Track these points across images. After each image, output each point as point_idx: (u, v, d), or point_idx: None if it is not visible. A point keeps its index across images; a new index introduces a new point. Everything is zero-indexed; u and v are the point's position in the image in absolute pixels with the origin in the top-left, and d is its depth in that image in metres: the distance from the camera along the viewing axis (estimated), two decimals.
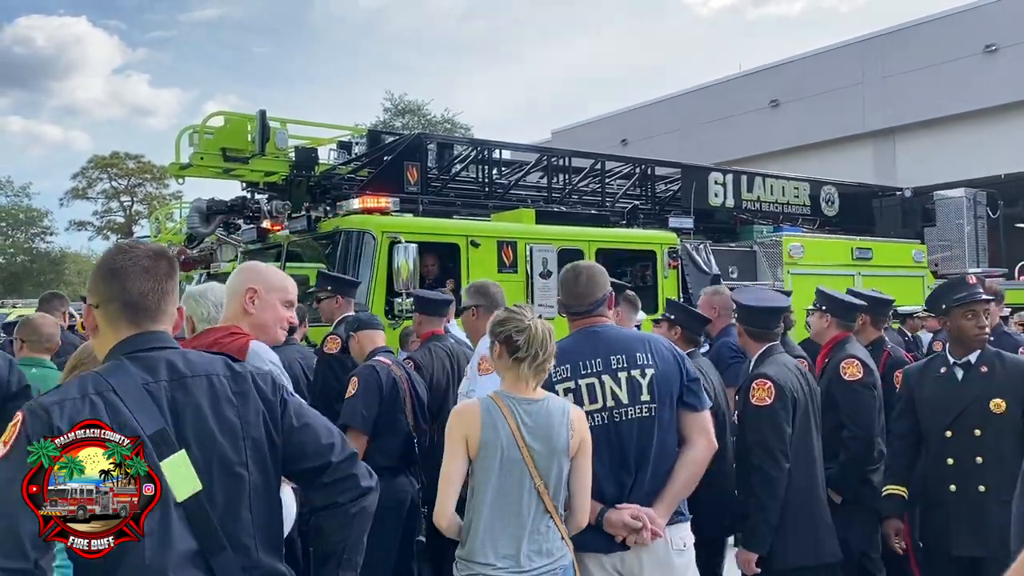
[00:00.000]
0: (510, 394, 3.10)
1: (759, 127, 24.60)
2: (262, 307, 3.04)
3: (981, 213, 14.42)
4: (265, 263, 3.26)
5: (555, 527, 3.07)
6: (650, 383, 3.28)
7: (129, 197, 53.31)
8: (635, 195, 11.39)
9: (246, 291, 3.03)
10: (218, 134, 8.67)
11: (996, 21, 20.16)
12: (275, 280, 3.12)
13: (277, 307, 3.07)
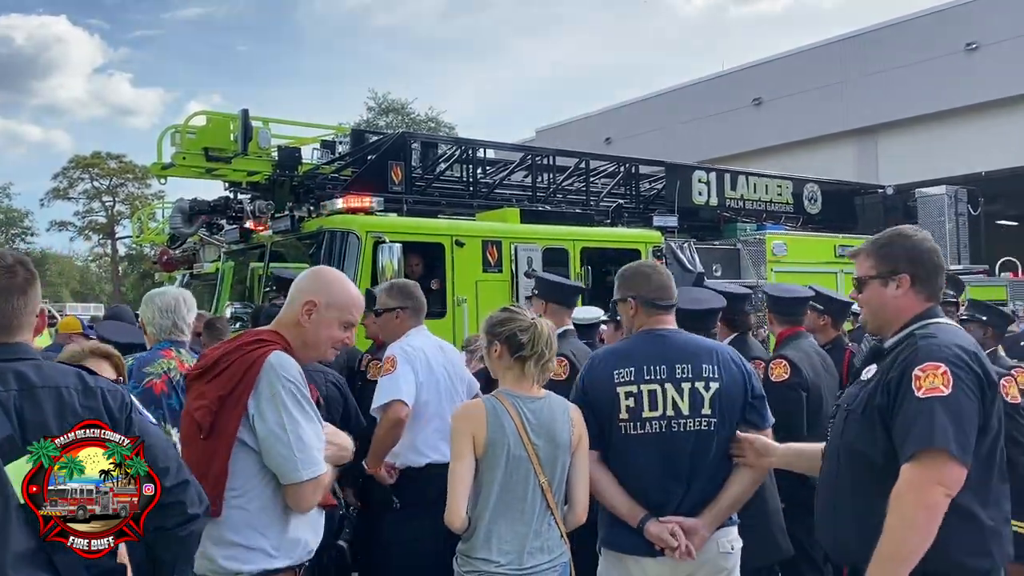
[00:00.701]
0: (513, 392, 3.14)
1: (742, 125, 24.70)
2: (317, 323, 2.77)
3: (962, 210, 14.53)
4: (336, 273, 2.95)
5: (555, 525, 3.11)
6: (713, 397, 3.22)
7: (111, 197, 52.97)
8: (620, 194, 11.40)
9: (304, 302, 2.78)
10: (200, 134, 8.61)
11: (977, 20, 20.31)
12: (340, 297, 2.82)
13: (333, 327, 2.80)
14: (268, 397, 2.57)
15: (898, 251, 2.68)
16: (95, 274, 59.83)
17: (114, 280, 53.19)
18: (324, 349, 2.83)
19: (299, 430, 2.57)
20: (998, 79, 19.65)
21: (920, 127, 21.66)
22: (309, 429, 2.60)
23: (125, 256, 51.01)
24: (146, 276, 38.50)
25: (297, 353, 2.74)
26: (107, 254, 55.06)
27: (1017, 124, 19.78)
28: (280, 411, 2.57)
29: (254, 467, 2.60)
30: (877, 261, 2.69)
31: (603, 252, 9.66)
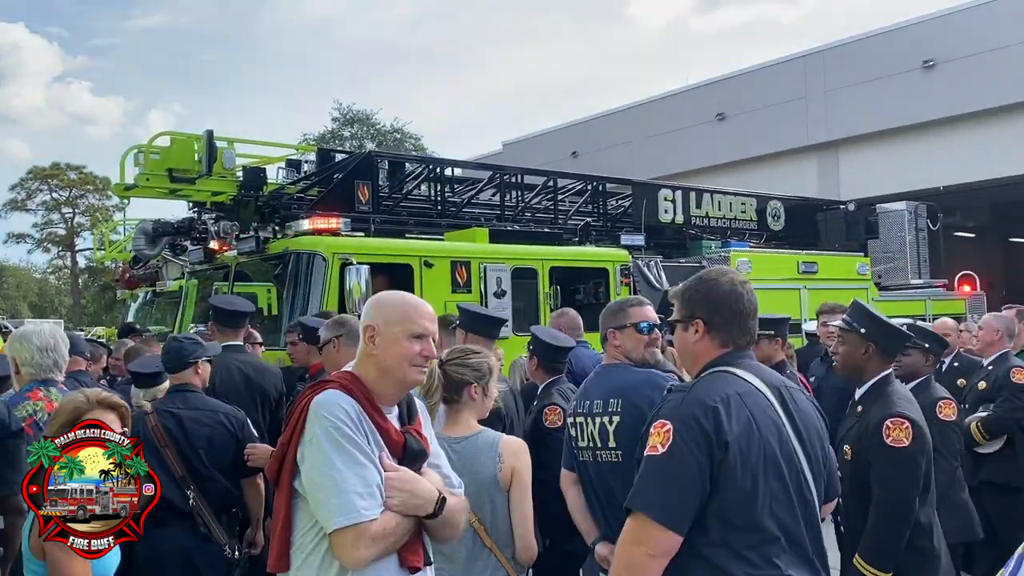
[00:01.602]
0: (440, 434, 3.16)
1: (706, 140, 24.95)
2: (384, 345, 2.58)
3: (922, 225, 14.80)
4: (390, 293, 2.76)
5: (497, 562, 3.10)
6: (616, 430, 3.49)
7: (71, 208, 52.14)
8: (587, 212, 11.46)
9: (365, 330, 2.62)
10: (164, 154, 8.52)
11: (933, 38, 20.73)
12: (395, 310, 2.63)
13: (402, 343, 2.57)
14: (308, 441, 2.39)
15: (697, 296, 2.64)
16: (54, 287, 58.76)
17: (74, 293, 52.28)
18: (404, 370, 2.57)
19: (334, 473, 2.32)
20: (954, 96, 20.05)
21: (880, 142, 22.03)
22: (349, 471, 2.33)
23: (85, 269, 50.18)
24: (106, 289, 37.90)
25: (378, 386, 2.54)
26: (66, 267, 54.15)
27: (973, 139, 20.19)
28: (317, 454, 2.36)
29: (311, 519, 2.40)
30: (680, 305, 2.67)
31: (572, 271, 9.69)
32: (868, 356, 3.88)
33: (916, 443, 3.62)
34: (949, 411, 4.64)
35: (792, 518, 2.38)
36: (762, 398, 2.45)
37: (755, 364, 2.59)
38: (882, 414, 3.72)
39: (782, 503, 2.37)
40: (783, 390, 2.52)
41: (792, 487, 2.40)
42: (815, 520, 2.45)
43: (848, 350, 3.94)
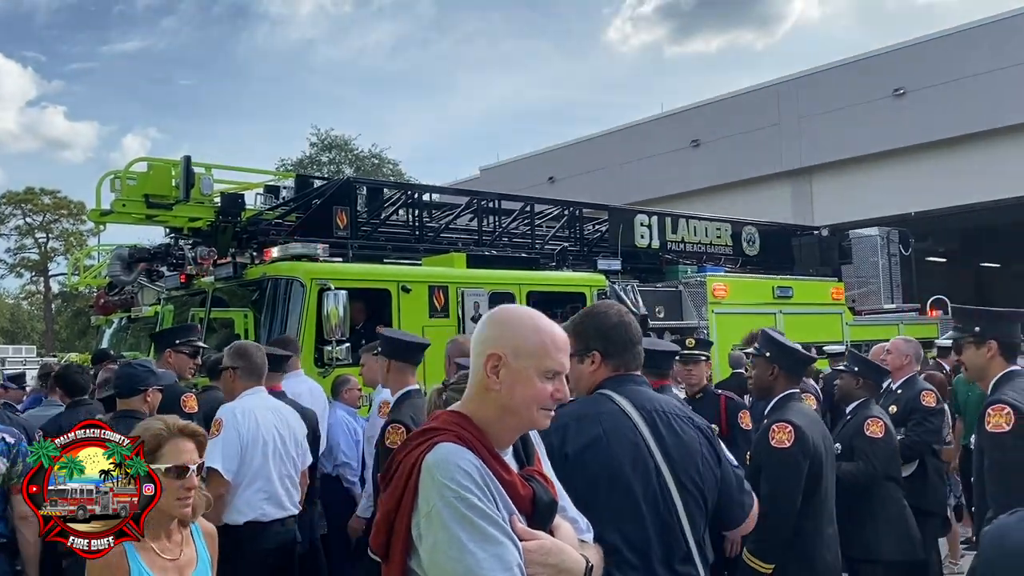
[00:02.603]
0: None
1: (681, 166, 25.19)
2: (511, 381, 2.06)
3: (894, 250, 15.00)
4: (518, 310, 2.24)
5: None
6: None
7: (44, 233, 51.62)
8: (564, 237, 11.54)
9: (487, 358, 2.08)
10: (141, 180, 8.49)
11: (904, 67, 21.10)
12: (530, 340, 2.09)
13: (532, 381, 2.06)
14: (426, 514, 1.91)
15: (590, 330, 2.78)
16: (27, 312, 58.05)
17: (47, 319, 51.66)
18: (531, 414, 2.08)
19: (467, 558, 1.84)
20: (925, 124, 20.40)
21: (852, 169, 22.33)
22: (484, 553, 1.86)
23: (59, 294, 49.63)
24: (80, 315, 37.48)
25: (495, 428, 2.07)
26: (40, 292, 53.53)
27: (944, 166, 20.52)
28: (440, 533, 1.88)
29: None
30: (574, 340, 2.69)
31: (549, 295, 9.73)
32: (774, 377, 4.30)
33: (797, 445, 3.97)
34: (876, 428, 4.93)
35: (640, 533, 2.48)
36: (625, 420, 2.58)
37: (636, 389, 2.70)
38: (771, 421, 4.15)
39: (627, 518, 2.46)
40: (656, 414, 2.63)
41: (646, 504, 2.50)
42: (675, 539, 2.53)
43: (758, 373, 4.41)
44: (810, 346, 5.88)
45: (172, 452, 2.68)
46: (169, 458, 2.66)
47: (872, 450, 4.87)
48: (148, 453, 2.57)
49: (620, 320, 2.78)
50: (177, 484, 2.64)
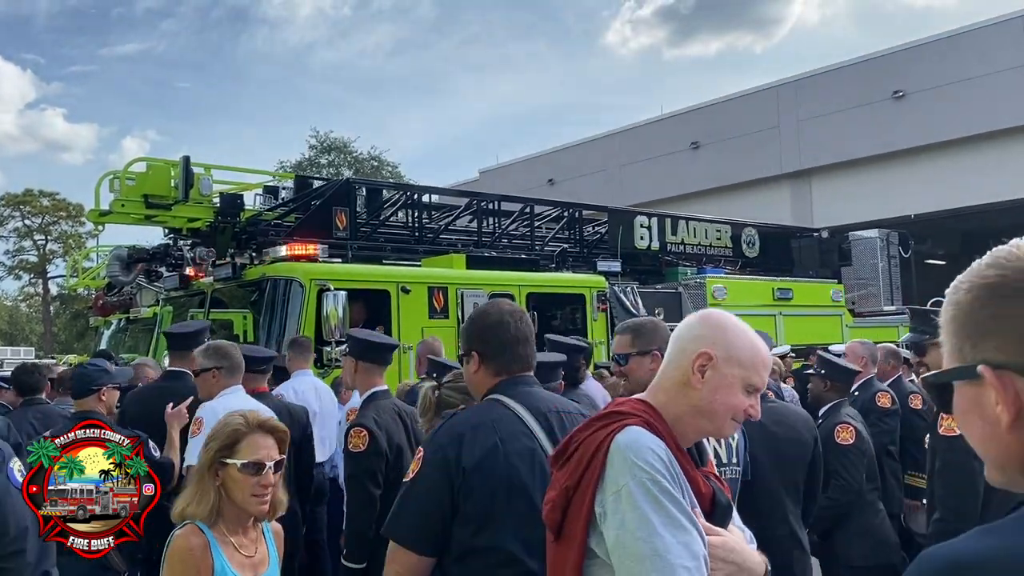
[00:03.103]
0: None
1: (681, 168, 25.20)
2: (715, 384, 2.02)
3: (894, 253, 14.99)
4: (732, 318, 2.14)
5: None
6: None
7: (43, 236, 51.56)
8: (564, 238, 11.52)
9: (698, 355, 2.03)
10: (140, 180, 8.49)
11: (903, 69, 21.12)
12: (744, 350, 2.05)
13: (735, 391, 2.02)
14: (613, 494, 1.89)
15: (471, 331, 2.75)
16: (25, 315, 57.99)
17: (45, 321, 51.61)
18: (723, 421, 2.05)
19: (656, 540, 1.81)
20: (924, 126, 20.42)
21: (852, 171, 22.34)
22: (673, 539, 1.83)
23: (57, 296, 49.58)
24: (79, 316, 37.43)
25: (682, 425, 2.03)
26: (38, 294, 53.48)
27: (943, 169, 20.54)
28: (630, 513, 1.85)
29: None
30: (461, 341, 2.82)
31: (549, 297, 9.72)
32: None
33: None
34: (846, 435, 4.89)
35: (542, 540, 2.44)
36: (520, 425, 2.52)
37: (528, 391, 2.65)
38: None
39: (528, 525, 2.36)
40: (551, 415, 2.58)
41: None
42: None
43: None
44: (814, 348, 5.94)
45: (249, 447, 2.60)
46: (246, 453, 2.58)
47: (844, 464, 4.81)
48: (225, 448, 2.56)
49: (499, 320, 2.69)
50: (253, 481, 2.56)
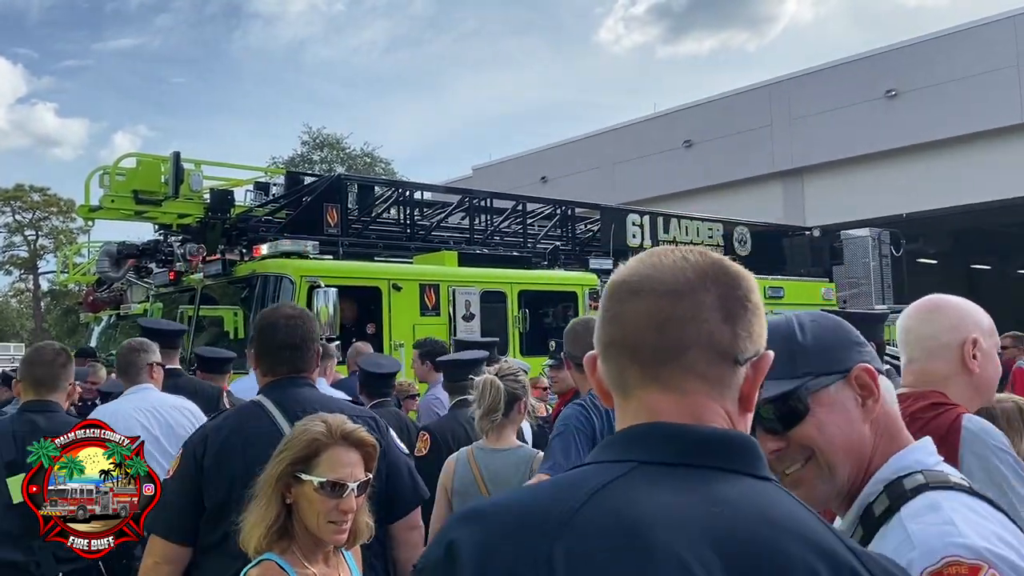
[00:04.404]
0: (481, 446, 3.51)
1: (674, 166, 25.20)
2: (983, 362, 2.16)
3: (885, 251, 15.01)
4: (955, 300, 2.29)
5: None
6: None
7: (34, 231, 51.30)
8: (556, 236, 11.51)
9: (969, 341, 2.15)
10: (130, 176, 8.44)
11: (896, 68, 21.16)
12: (987, 321, 2.24)
13: (995, 358, 2.22)
14: (981, 471, 1.93)
15: (252, 331, 3.04)
16: (15, 310, 57.71)
17: (36, 317, 51.39)
18: (991, 396, 2.25)
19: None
20: (916, 125, 20.45)
21: (844, 170, 22.38)
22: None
23: (48, 292, 49.36)
24: (69, 312, 37.28)
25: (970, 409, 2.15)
26: (29, 290, 53.23)
27: (935, 168, 20.58)
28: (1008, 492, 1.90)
29: None
30: None
31: (541, 294, 9.71)
32: None
33: None
34: None
35: None
36: (268, 423, 2.69)
37: (288, 391, 2.78)
38: None
39: None
40: (302, 415, 2.67)
41: None
42: None
43: None
44: None
45: (329, 463, 2.16)
46: (325, 469, 2.15)
47: None
48: (301, 460, 2.17)
49: (271, 324, 2.84)
50: (331, 504, 2.13)
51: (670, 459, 1.01)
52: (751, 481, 1.01)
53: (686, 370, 1.06)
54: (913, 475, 1.34)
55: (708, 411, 1.06)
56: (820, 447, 1.37)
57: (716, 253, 1.14)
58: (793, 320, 1.46)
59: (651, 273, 1.09)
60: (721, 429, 1.05)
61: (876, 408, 1.39)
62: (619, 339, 1.09)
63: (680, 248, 1.13)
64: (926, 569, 1.19)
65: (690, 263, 1.09)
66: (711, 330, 1.06)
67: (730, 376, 1.07)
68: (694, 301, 1.06)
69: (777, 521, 0.96)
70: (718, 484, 0.99)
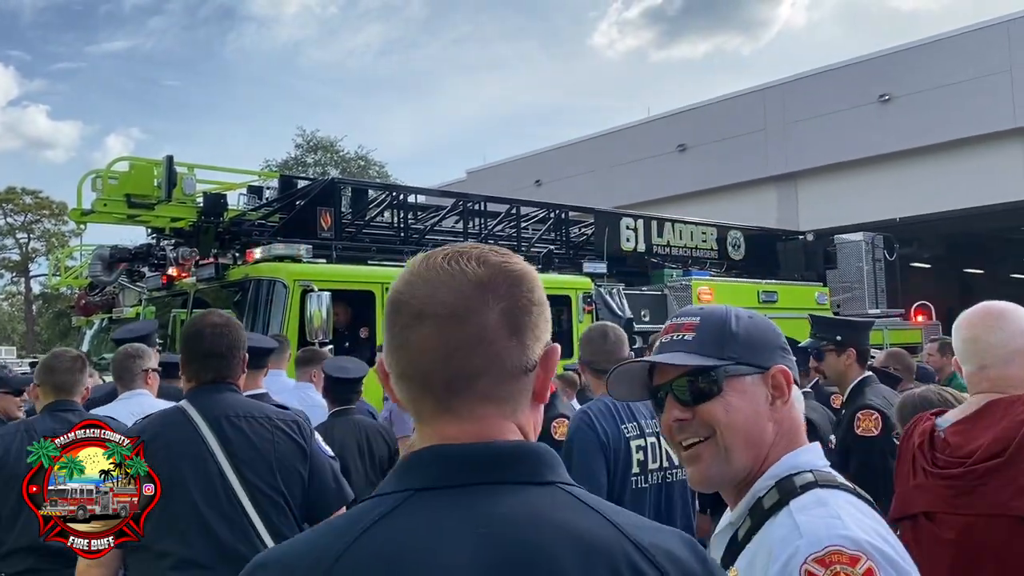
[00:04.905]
0: None
1: (668, 170, 25.22)
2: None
3: (879, 256, 15.04)
4: None
5: None
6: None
7: (25, 234, 51.13)
8: (550, 240, 11.50)
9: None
10: (123, 179, 8.41)
11: (889, 73, 21.21)
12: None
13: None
14: None
15: (181, 338, 3.06)
16: (7, 313, 57.50)
17: (27, 320, 51.20)
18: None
19: None
20: (909, 130, 20.50)
21: (838, 174, 22.41)
22: None
23: (40, 295, 49.19)
24: (61, 316, 37.15)
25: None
26: (20, 293, 53.04)
27: (928, 172, 20.63)
28: None
29: None
30: None
31: None
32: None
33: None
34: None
35: (201, 538, 2.63)
36: (190, 429, 2.73)
37: (212, 396, 2.84)
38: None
39: (187, 524, 2.62)
40: (225, 419, 2.77)
41: (208, 508, 2.65)
42: (246, 538, 2.66)
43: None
44: None
45: None
46: None
47: None
48: None
49: (194, 331, 2.92)
50: None
51: (444, 482, 1.02)
52: (531, 489, 1.02)
53: (479, 397, 1.06)
54: (803, 474, 1.42)
55: (498, 430, 1.06)
56: (722, 428, 1.44)
57: (495, 253, 1.11)
58: (731, 312, 1.52)
59: (430, 292, 1.06)
60: (498, 443, 1.05)
61: (783, 409, 1.47)
62: (409, 372, 1.08)
63: (457, 253, 1.10)
64: (811, 555, 1.27)
65: (468, 275, 1.06)
66: (498, 351, 1.05)
67: (522, 386, 1.08)
68: (478, 324, 1.05)
69: (547, 526, 0.97)
70: (492, 500, 1.00)
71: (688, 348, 1.46)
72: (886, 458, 3.85)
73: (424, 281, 1.07)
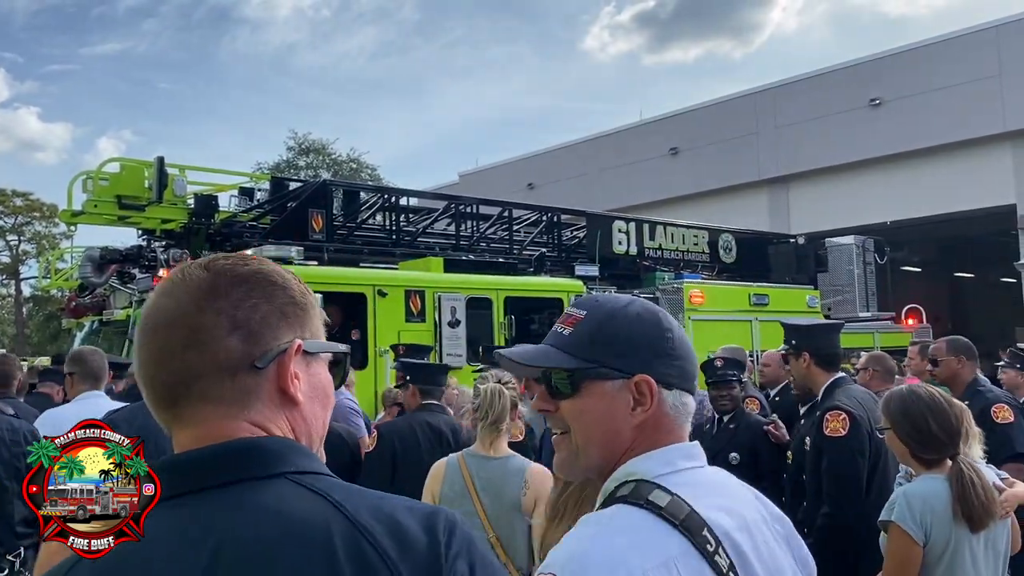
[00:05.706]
0: (473, 452, 3.42)
1: (660, 174, 25.26)
2: None
3: (870, 259, 15.10)
4: None
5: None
6: None
7: (16, 236, 50.90)
8: (542, 242, 11.51)
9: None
10: (113, 181, 8.38)
11: (880, 77, 21.30)
12: None
13: None
14: None
15: None
16: None
17: (18, 322, 50.98)
18: None
19: None
20: (900, 134, 20.59)
21: (829, 178, 22.49)
22: None
23: (30, 297, 49.00)
24: (52, 318, 37.00)
25: None
26: (10, 295, 52.81)
27: (919, 176, 20.72)
28: None
29: None
30: None
31: (526, 301, 9.69)
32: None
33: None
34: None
35: None
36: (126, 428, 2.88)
37: (128, 406, 3.03)
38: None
39: None
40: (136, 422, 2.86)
41: None
42: None
43: None
44: None
45: None
46: None
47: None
48: None
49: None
50: None
51: (170, 492, 1.06)
52: (256, 484, 1.02)
53: (200, 400, 1.06)
54: (629, 483, 1.35)
55: (227, 431, 1.06)
56: (574, 428, 1.41)
57: (226, 259, 1.11)
58: (619, 309, 1.44)
59: (156, 302, 1.07)
60: (214, 444, 1.06)
61: (642, 417, 1.40)
62: (143, 382, 1.09)
63: (196, 263, 1.11)
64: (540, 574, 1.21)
65: (190, 282, 1.07)
66: (215, 350, 1.05)
67: (253, 384, 1.07)
68: (190, 326, 1.05)
69: (266, 520, 0.98)
70: (214, 505, 1.01)
71: (560, 343, 1.42)
72: (855, 457, 3.92)
73: (158, 294, 1.09)
